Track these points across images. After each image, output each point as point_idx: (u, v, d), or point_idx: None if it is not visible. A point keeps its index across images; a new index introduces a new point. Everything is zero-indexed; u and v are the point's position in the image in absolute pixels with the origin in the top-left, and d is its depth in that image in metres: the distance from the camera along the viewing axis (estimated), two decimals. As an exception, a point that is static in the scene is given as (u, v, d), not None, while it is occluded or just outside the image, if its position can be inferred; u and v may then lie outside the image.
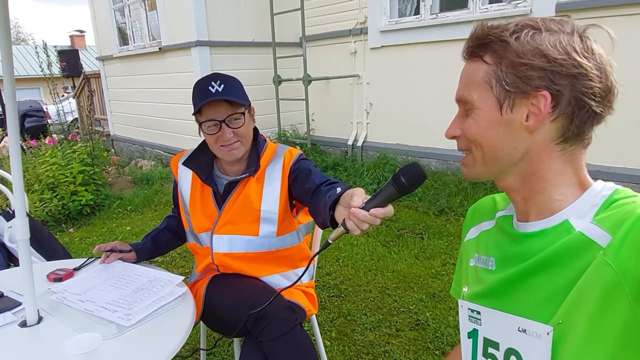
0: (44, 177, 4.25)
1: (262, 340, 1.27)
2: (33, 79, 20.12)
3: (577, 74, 0.66)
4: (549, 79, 0.67)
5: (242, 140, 1.40)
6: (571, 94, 0.67)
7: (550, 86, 0.67)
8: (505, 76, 0.70)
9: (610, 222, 0.64)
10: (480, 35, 0.72)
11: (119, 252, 1.50)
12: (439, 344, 2.16)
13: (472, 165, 0.78)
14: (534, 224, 0.75)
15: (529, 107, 0.69)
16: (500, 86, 0.70)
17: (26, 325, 1.14)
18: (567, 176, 0.72)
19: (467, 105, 0.75)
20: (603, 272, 0.61)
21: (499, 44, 0.70)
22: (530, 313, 0.70)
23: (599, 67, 0.67)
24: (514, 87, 0.69)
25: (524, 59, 0.67)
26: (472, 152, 0.77)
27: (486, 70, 0.72)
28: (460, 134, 0.78)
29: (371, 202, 0.87)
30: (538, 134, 0.70)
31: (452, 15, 4.31)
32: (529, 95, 0.68)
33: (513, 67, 0.69)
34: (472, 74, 0.74)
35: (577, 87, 0.66)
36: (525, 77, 0.68)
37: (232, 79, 1.39)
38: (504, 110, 0.71)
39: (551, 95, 0.67)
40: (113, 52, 6.99)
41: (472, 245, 0.90)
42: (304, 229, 1.58)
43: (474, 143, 0.75)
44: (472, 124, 0.75)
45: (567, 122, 0.68)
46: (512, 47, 0.68)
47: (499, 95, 0.71)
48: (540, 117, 0.69)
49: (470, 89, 0.74)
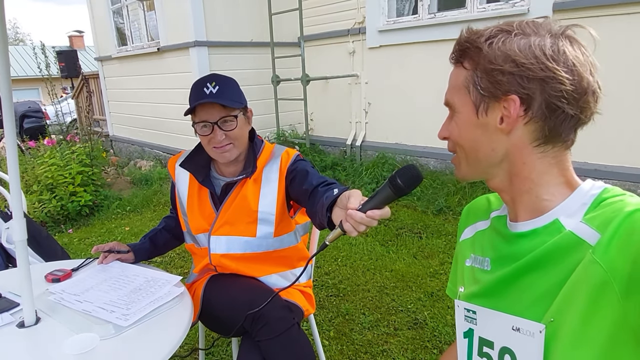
0: (42, 178, 4.26)
1: (260, 340, 1.28)
2: (32, 79, 20.08)
3: (545, 77, 0.67)
4: (517, 83, 0.69)
5: (235, 143, 1.40)
6: (542, 97, 0.68)
7: (519, 90, 0.69)
8: (480, 81, 0.72)
9: (599, 220, 0.65)
10: (461, 41, 0.75)
11: (117, 252, 1.51)
12: (437, 342, 2.16)
13: (458, 166, 0.82)
14: (525, 223, 0.76)
15: (502, 110, 0.71)
16: (477, 91, 0.73)
17: (24, 325, 1.14)
18: (553, 176, 0.73)
19: (451, 108, 0.79)
20: (592, 270, 0.62)
21: (474, 51, 0.73)
22: (523, 312, 0.71)
23: (571, 70, 0.67)
24: (487, 91, 0.72)
25: (494, 64, 0.70)
26: (457, 153, 0.81)
27: (465, 76, 0.75)
28: (448, 135, 0.81)
29: (368, 204, 0.88)
30: (514, 136, 0.72)
31: (450, 15, 4.32)
32: (500, 99, 0.71)
33: (486, 73, 0.71)
34: (454, 78, 0.78)
35: (547, 91, 0.68)
36: (496, 82, 0.70)
37: (228, 81, 1.39)
38: (479, 113, 0.74)
39: (521, 99, 0.69)
40: (111, 52, 6.99)
41: (468, 246, 0.91)
42: (301, 229, 1.59)
43: (457, 145, 0.80)
44: (454, 126, 0.79)
45: (540, 124, 0.70)
46: (485, 53, 0.71)
47: (475, 99, 0.74)
48: (511, 120, 0.71)
49: (453, 93, 0.78)
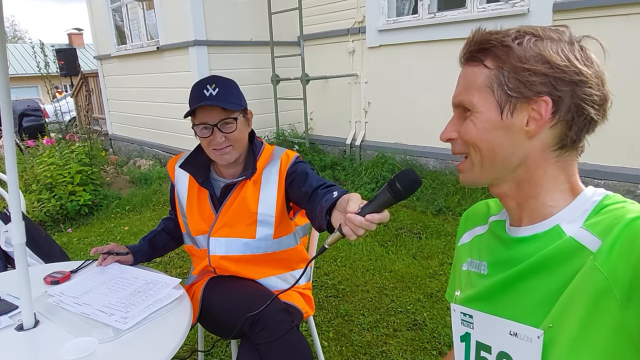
0: (41, 177, 4.25)
1: (259, 343, 1.28)
2: (30, 77, 20.04)
3: (579, 81, 0.67)
4: (551, 84, 0.68)
5: (235, 145, 1.40)
6: (571, 101, 0.68)
7: (552, 92, 0.68)
8: (507, 80, 0.70)
9: (600, 227, 0.65)
10: (481, 40, 0.73)
11: (116, 254, 1.50)
12: (436, 344, 2.17)
13: (469, 170, 0.78)
14: (526, 228, 0.76)
15: (529, 112, 0.70)
16: (502, 90, 0.71)
17: (23, 329, 1.14)
18: (560, 182, 0.73)
19: (466, 108, 0.75)
20: (593, 277, 0.62)
21: (502, 49, 0.71)
22: (521, 317, 0.71)
23: (598, 76, 0.68)
24: (516, 91, 0.70)
25: (527, 64, 0.68)
26: (470, 156, 0.77)
27: (487, 75, 0.72)
28: (457, 136, 0.78)
29: (367, 208, 0.88)
30: (537, 139, 0.71)
31: (450, 15, 4.31)
32: (530, 100, 0.69)
33: (515, 72, 0.69)
34: (472, 78, 0.74)
35: (578, 94, 0.68)
36: (528, 82, 0.69)
37: (228, 83, 1.39)
38: (504, 114, 0.71)
39: (552, 101, 0.68)
40: (111, 51, 6.98)
41: (466, 250, 0.91)
42: (300, 231, 1.59)
43: (472, 146, 0.75)
44: (471, 127, 0.75)
45: (565, 128, 0.70)
46: (515, 52, 0.69)
47: (500, 99, 0.71)
48: (540, 123, 0.69)
49: (470, 93, 0.74)
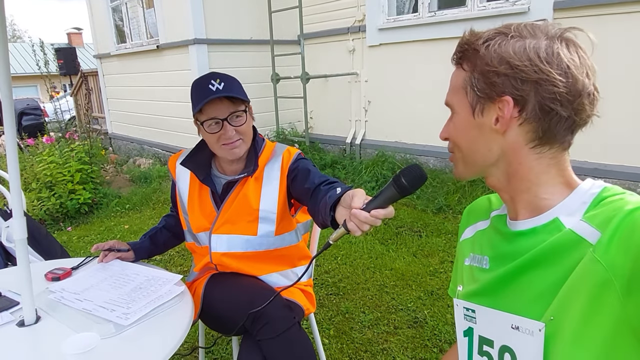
0: (41, 175, 4.25)
1: (261, 339, 1.28)
2: (30, 76, 20.05)
3: (538, 80, 0.68)
4: (511, 85, 0.70)
5: (244, 138, 1.39)
6: (535, 99, 0.69)
7: (512, 92, 0.70)
8: (476, 82, 0.74)
9: (599, 219, 0.66)
10: (461, 43, 0.77)
11: (117, 251, 1.50)
12: (437, 341, 2.17)
13: (456, 165, 0.84)
14: (524, 222, 0.76)
15: (496, 111, 0.73)
16: (473, 92, 0.75)
17: (24, 324, 1.14)
18: (552, 176, 0.74)
19: (451, 109, 0.81)
20: (593, 269, 0.62)
21: (472, 53, 0.75)
22: (522, 310, 0.71)
23: (565, 72, 0.68)
24: (483, 92, 0.73)
25: (490, 66, 0.71)
26: (454, 153, 0.83)
27: (464, 77, 0.77)
28: (448, 136, 0.83)
29: (372, 203, 0.88)
30: (509, 137, 0.74)
31: (450, 13, 4.31)
32: (495, 100, 0.72)
33: (482, 74, 0.73)
34: (454, 80, 0.79)
35: (540, 93, 0.69)
36: (491, 84, 0.72)
37: (231, 78, 1.39)
38: (476, 114, 0.76)
39: (514, 100, 0.70)
40: (110, 50, 6.97)
41: (468, 245, 0.91)
42: (302, 228, 1.58)
43: (455, 144, 0.81)
44: (452, 127, 0.81)
45: (534, 125, 0.71)
46: (481, 55, 0.73)
47: (472, 100, 0.76)
48: (505, 121, 0.72)
49: (452, 94, 0.80)
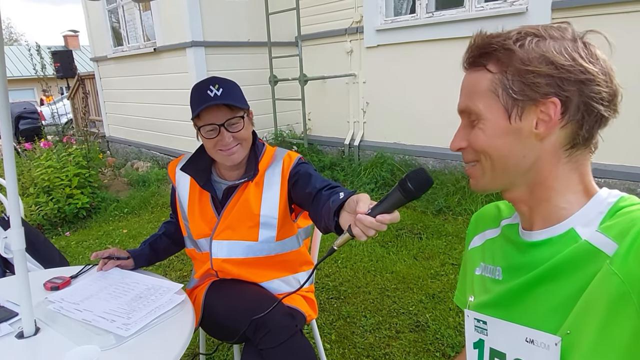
0: (39, 180, 4.22)
1: (263, 348, 1.26)
2: (26, 79, 19.99)
3: (585, 80, 0.66)
4: (557, 85, 0.66)
5: (242, 144, 1.38)
6: (580, 100, 0.67)
7: (559, 92, 0.67)
8: (512, 84, 0.69)
9: (616, 230, 0.64)
10: (482, 44, 0.72)
11: (116, 259, 1.48)
12: (439, 345, 2.15)
13: (480, 177, 0.76)
14: (539, 232, 0.74)
15: (538, 114, 0.68)
16: (507, 94, 0.69)
17: (23, 336, 1.12)
18: (573, 183, 0.71)
19: (473, 115, 0.74)
20: (610, 281, 0.61)
21: (503, 52, 0.69)
22: (537, 323, 0.70)
23: (605, 72, 0.67)
24: (521, 94, 0.68)
25: (530, 66, 0.67)
26: (480, 163, 0.75)
27: (491, 79, 0.71)
28: (467, 145, 0.76)
29: (377, 208, 0.86)
30: (547, 141, 0.70)
31: (448, 14, 4.30)
32: (537, 102, 0.68)
33: (519, 75, 0.68)
34: (475, 83, 0.73)
35: (585, 93, 0.66)
36: (533, 85, 0.67)
37: (230, 83, 1.37)
38: (512, 118, 0.70)
39: (560, 101, 0.67)
40: (107, 52, 6.94)
41: (478, 254, 0.89)
42: (303, 233, 1.57)
43: (482, 154, 0.74)
44: (480, 134, 0.73)
45: (576, 127, 0.68)
46: (518, 54, 0.68)
47: (507, 103, 0.70)
48: (550, 124, 0.68)
49: (475, 99, 0.73)
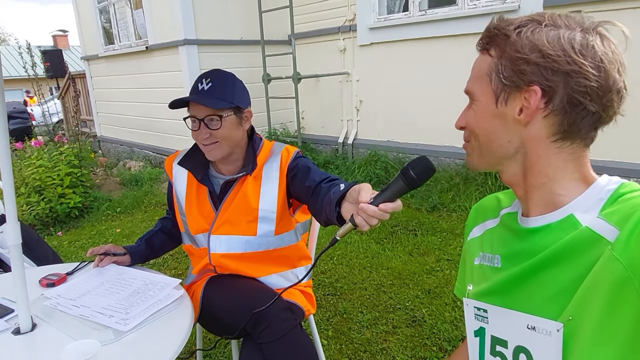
0: (30, 180, 4.17)
1: (262, 342, 1.26)
2: (16, 80, 19.74)
3: (571, 71, 0.66)
4: (541, 74, 0.67)
5: (221, 142, 1.37)
6: (564, 91, 0.67)
7: (541, 82, 0.67)
8: (503, 69, 0.71)
9: (617, 216, 0.64)
10: (490, 28, 0.74)
11: (112, 255, 1.47)
12: (436, 340, 2.16)
13: (470, 154, 0.81)
14: (537, 218, 0.74)
15: (522, 101, 0.70)
16: (498, 79, 0.72)
17: (20, 332, 1.11)
18: (569, 171, 0.72)
19: (471, 96, 0.77)
20: (612, 267, 0.61)
21: (502, 38, 0.71)
22: (538, 310, 0.70)
23: (598, 66, 0.65)
24: (509, 80, 0.71)
25: (520, 53, 0.68)
26: (471, 142, 0.80)
27: (489, 64, 0.73)
28: (465, 124, 0.79)
29: (380, 197, 0.87)
30: (531, 128, 0.71)
31: (440, 12, 4.32)
32: (521, 89, 0.70)
33: (511, 61, 0.70)
34: (479, 66, 0.76)
35: (570, 85, 0.66)
36: (520, 72, 0.69)
37: (225, 80, 1.38)
38: (499, 102, 0.73)
39: (543, 90, 0.68)
40: (98, 51, 6.88)
41: (476, 244, 0.89)
42: (301, 228, 1.57)
43: (472, 133, 0.78)
44: (471, 115, 0.77)
45: (559, 119, 0.69)
46: (512, 41, 0.70)
47: (496, 88, 0.73)
48: (530, 112, 0.70)
49: (474, 81, 0.77)
